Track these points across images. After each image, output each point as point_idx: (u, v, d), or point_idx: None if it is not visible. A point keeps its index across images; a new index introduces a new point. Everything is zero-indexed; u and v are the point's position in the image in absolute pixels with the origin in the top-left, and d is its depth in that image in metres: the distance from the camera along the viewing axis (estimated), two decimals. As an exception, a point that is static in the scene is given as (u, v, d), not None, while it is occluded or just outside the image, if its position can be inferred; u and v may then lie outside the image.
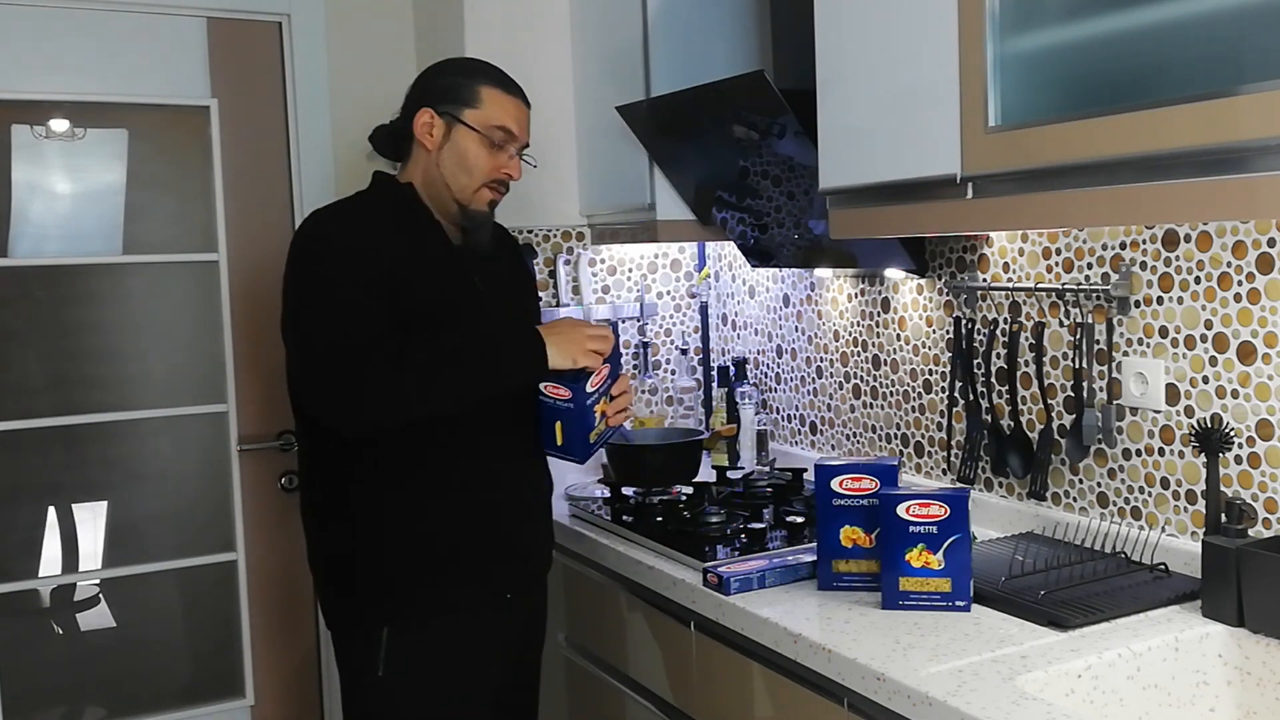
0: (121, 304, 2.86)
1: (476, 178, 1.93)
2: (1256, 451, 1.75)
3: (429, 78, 2.00)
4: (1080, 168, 1.47)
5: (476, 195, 1.95)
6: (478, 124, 1.92)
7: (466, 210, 1.95)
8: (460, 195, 1.94)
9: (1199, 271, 1.82)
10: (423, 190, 1.97)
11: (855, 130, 1.89)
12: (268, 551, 2.91)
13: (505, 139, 1.94)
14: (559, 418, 1.90)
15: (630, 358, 3.03)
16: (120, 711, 2.86)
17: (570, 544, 2.41)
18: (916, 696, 1.45)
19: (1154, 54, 1.40)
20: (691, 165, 2.52)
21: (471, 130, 1.92)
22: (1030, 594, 1.72)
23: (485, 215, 1.98)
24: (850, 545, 1.85)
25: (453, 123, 1.93)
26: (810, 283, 2.72)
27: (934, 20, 1.68)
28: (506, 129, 1.94)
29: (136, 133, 2.86)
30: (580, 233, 2.96)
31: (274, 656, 2.94)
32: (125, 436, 2.87)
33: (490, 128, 1.93)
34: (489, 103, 1.94)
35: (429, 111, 1.94)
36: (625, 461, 2.52)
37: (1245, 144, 1.27)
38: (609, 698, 2.31)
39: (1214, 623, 1.63)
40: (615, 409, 1.97)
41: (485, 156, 1.93)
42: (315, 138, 2.90)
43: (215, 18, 2.82)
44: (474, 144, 1.93)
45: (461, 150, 1.93)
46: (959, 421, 2.29)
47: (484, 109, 1.93)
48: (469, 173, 1.93)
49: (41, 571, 2.81)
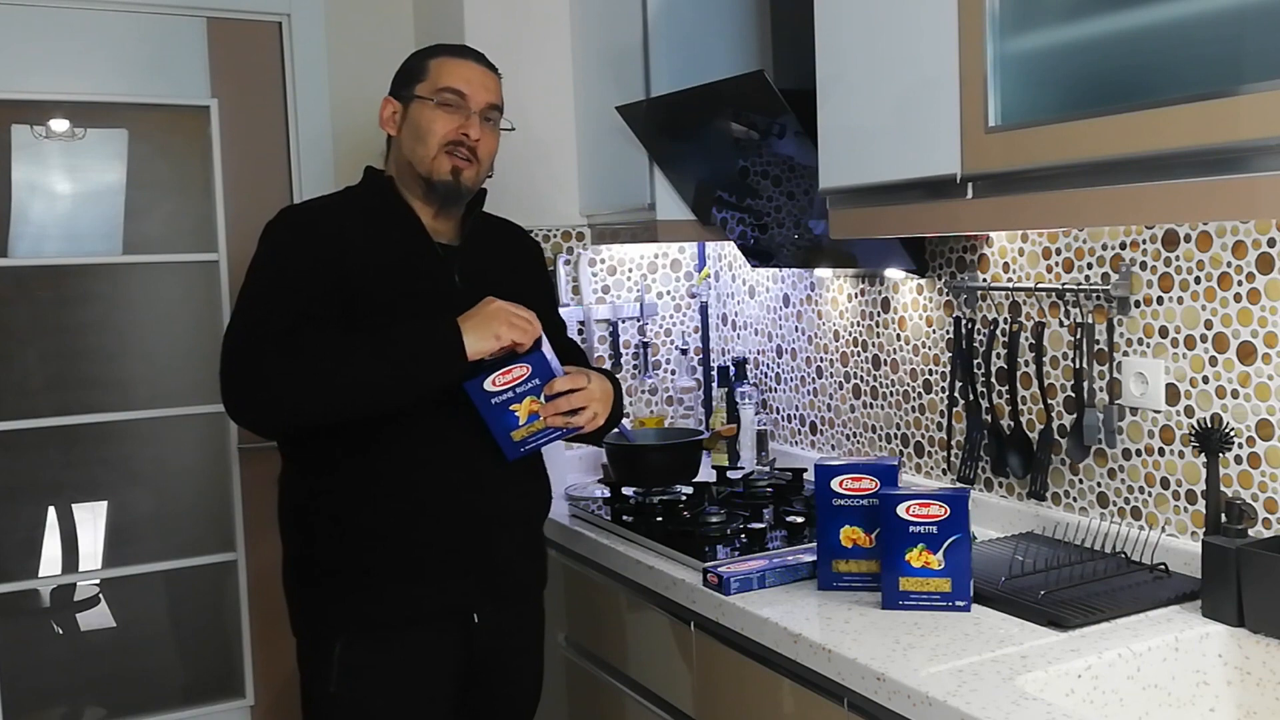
0: (121, 304, 2.86)
1: (432, 144, 1.88)
2: (1256, 451, 1.75)
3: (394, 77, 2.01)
4: (1080, 168, 1.47)
5: (435, 163, 1.89)
6: (426, 92, 1.90)
7: (431, 183, 1.90)
8: (421, 167, 1.89)
9: (1199, 271, 1.82)
10: (398, 180, 1.94)
11: (855, 130, 1.89)
12: (268, 551, 2.90)
13: (457, 100, 1.90)
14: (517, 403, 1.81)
15: (630, 358, 3.03)
16: (120, 711, 2.86)
17: (570, 544, 2.41)
18: (916, 696, 1.45)
19: (1154, 54, 1.40)
20: (691, 165, 2.52)
21: (423, 100, 1.90)
22: (1030, 594, 1.72)
23: (450, 184, 1.90)
24: (850, 545, 1.85)
25: (408, 100, 1.92)
26: (810, 283, 2.72)
27: (934, 20, 1.68)
28: (455, 89, 1.90)
29: (136, 133, 2.86)
30: (580, 233, 2.96)
31: (274, 656, 2.93)
32: (125, 436, 2.87)
33: (437, 90, 1.90)
34: (435, 70, 1.92)
35: (389, 100, 1.95)
36: (625, 461, 2.52)
37: (1245, 144, 1.27)
38: (609, 698, 2.31)
39: (1214, 623, 1.63)
40: (553, 410, 1.83)
41: (439, 120, 1.89)
42: (315, 138, 2.90)
43: (215, 18, 2.82)
44: (426, 111, 1.90)
45: (415, 122, 1.90)
46: (959, 421, 2.29)
47: (431, 77, 1.91)
48: (423, 140, 1.89)
49: (41, 571, 2.81)
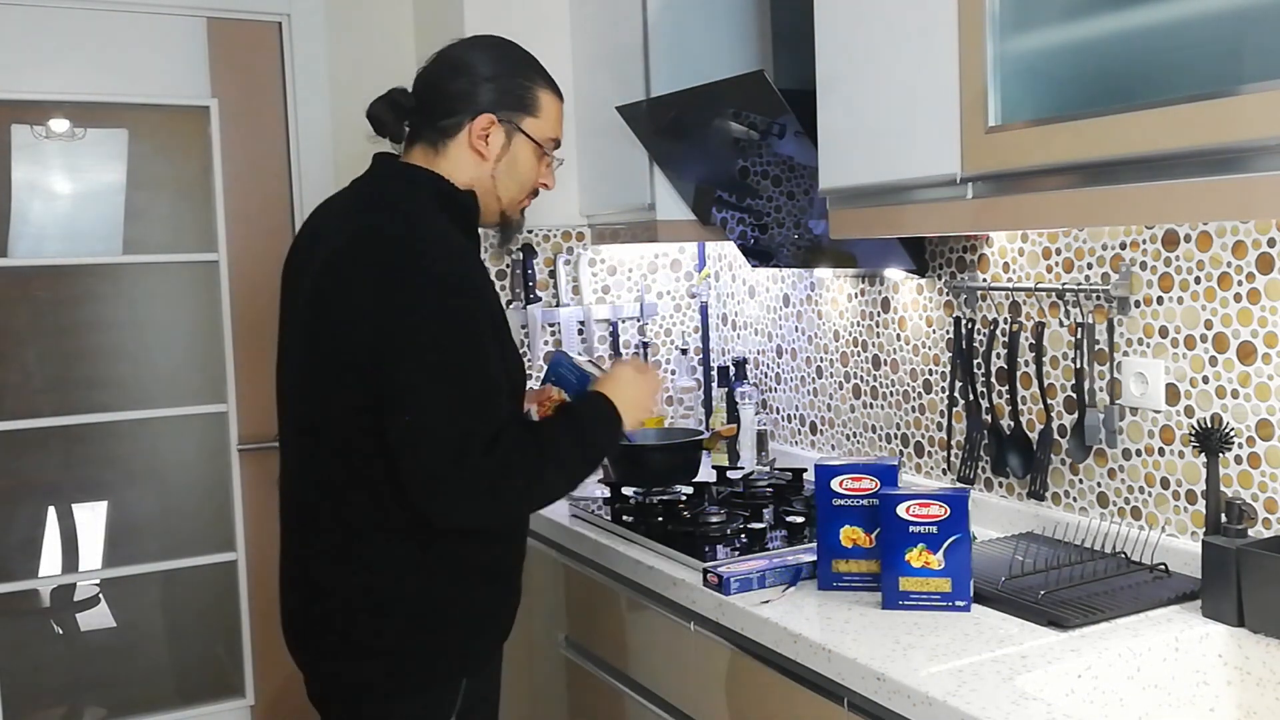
0: (121, 304, 2.86)
1: (527, 188, 1.82)
2: (1256, 451, 1.75)
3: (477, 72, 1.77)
4: (1080, 168, 1.47)
5: (519, 205, 1.84)
6: (537, 135, 1.78)
7: (507, 218, 1.83)
8: (508, 206, 1.82)
9: (1199, 271, 1.82)
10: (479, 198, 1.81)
11: (855, 130, 1.89)
12: (268, 551, 2.90)
13: (554, 149, 1.83)
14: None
15: (630, 358, 3.03)
16: (120, 711, 2.86)
17: (570, 544, 2.41)
18: (916, 696, 1.45)
19: (1154, 54, 1.40)
20: (691, 165, 2.52)
21: (530, 141, 1.78)
22: (1030, 594, 1.72)
23: (519, 224, 1.87)
24: (850, 545, 1.85)
25: (513, 131, 1.76)
26: (810, 283, 2.72)
27: (934, 20, 1.68)
28: (559, 141, 1.83)
29: (136, 133, 2.86)
30: (580, 233, 2.96)
31: (274, 656, 2.93)
32: (125, 436, 2.87)
33: (548, 140, 1.80)
34: (548, 111, 1.79)
35: (489, 118, 1.74)
36: (625, 461, 2.52)
37: (1245, 144, 1.27)
38: (609, 698, 2.31)
39: (1214, 623, 1.63)
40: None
41: (535, 167, 1.81)
42: (315, 137, 2.91)
43: (215, 18, 2.83)
44: (530, 155, 1.79)
45: (519, 161, 1.78)
46: (959, 421, 2.29)
47: (543, 119, 1.79)
48: (521, 185, 1.80)
49: (41, 571, 2.81)
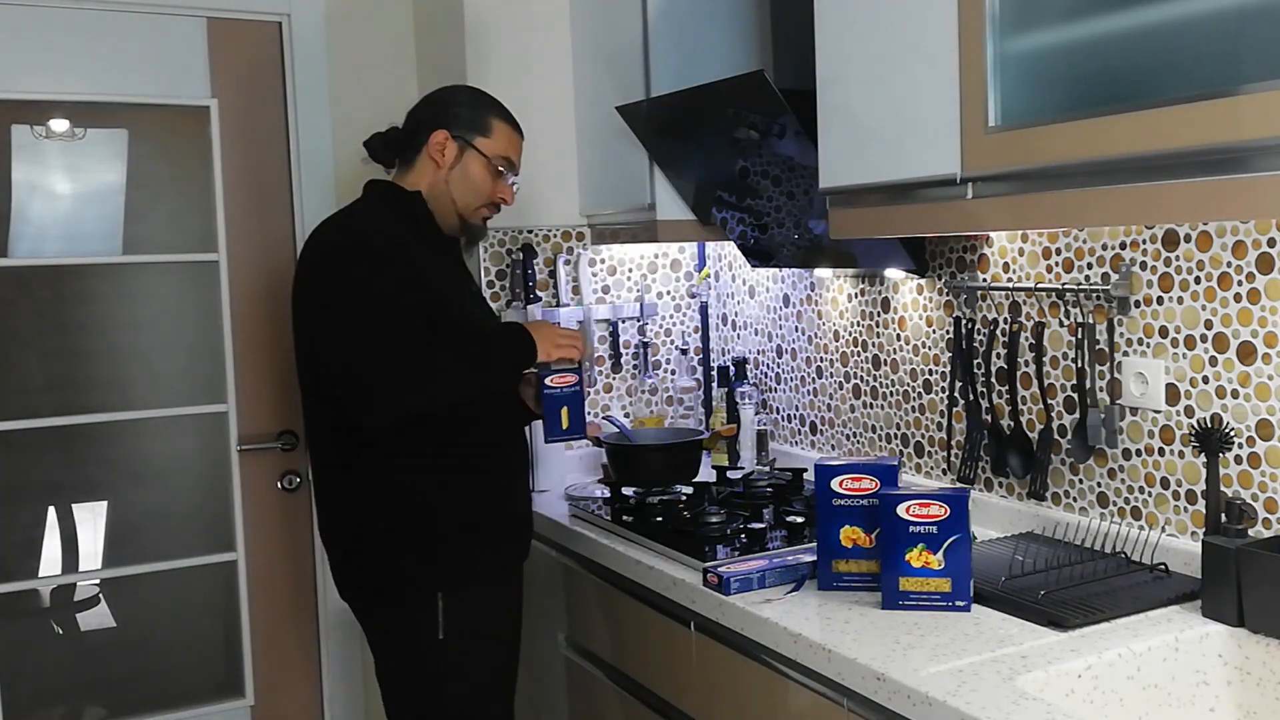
0: (121, 304, 2.86)
1: (480, 198, 2.18)
2: (1256, 451, 1.75)
3: (444, 102, 2.19)
4: (1080, 168, 1.47)
5: (476, 212, 2.19)
6: (488, 152, 2.15)
7: (466, 223, 2.20)
8: (464, 211, 2.17)
9: (1199, 271, 1.82)
10: (429, 198, 2.16)
11: (855, 130, 1.89)
12: (268, 551, 2.91)
13: (508, 169, 2.18)
14: (566, 403, 2.16)
15: (630, 358, 3.03)
16: (120, 711, 2.86)
17: (570, 544, 2.41)
18: (916, 696, 1.45)
19: (1154, 54, 1.40)
20: (691, 165, 2.52)
21: (482, 156, 2.15)
22: (1030, 594, 1.72)
23: (480, 229, 2.25)
24: (850, 545, 1.85)
25: (465, 147, 2.14)
26: (810, 283, 2.72)
27: (934, 20, 1.68)
28: (510, 161, 2.19)
29: (136, 133, 2.86)
30: (580, 233, 2.96)
31: (274, 656, 2.94)
32: (125, 436, 2.87)
33: (498, 157, 2.17)
34: (499, 135, 2.17)
35: (445, 133, 2.13)
36: (625, 461, 2.52)
37: (1245, 144, 1.27)
38: (609, 698, 2.31)
39: (1214, 623, 1.63)
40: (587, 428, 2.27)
41: (489, 181, 2.17)
42: (315, 137, 2.90)
43: (215, 18, 2.82)
44: (481, 169, 2.16)
45: (470, 172, 2.15)
46: (959, 421, 2.29)
47: (495, 140, 2.16)
48: (475, 193, 2.16)
49: (41, 571, 2.81)
